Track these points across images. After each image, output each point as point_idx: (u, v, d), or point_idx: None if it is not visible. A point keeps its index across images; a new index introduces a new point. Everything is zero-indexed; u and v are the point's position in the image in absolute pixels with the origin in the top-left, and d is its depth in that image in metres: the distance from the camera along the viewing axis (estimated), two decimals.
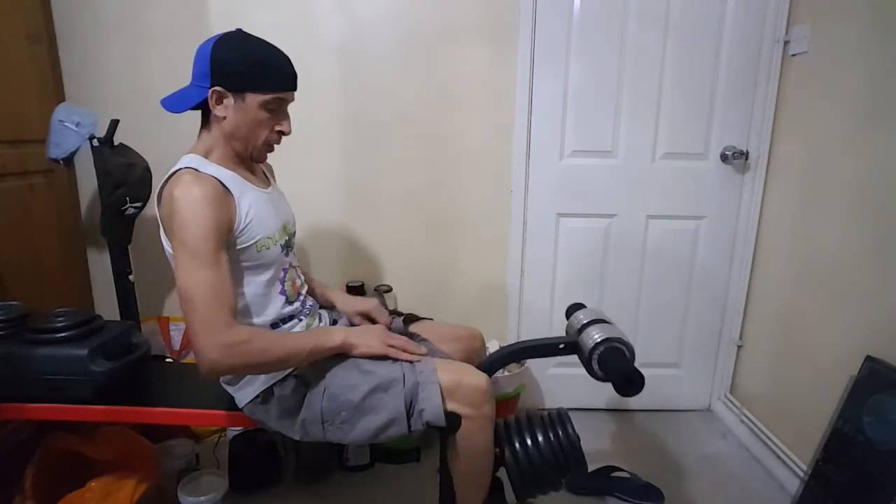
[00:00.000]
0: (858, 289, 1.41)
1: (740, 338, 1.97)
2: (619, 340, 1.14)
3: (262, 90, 1.06)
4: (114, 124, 1.60)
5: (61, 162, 1.56)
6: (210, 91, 1.05)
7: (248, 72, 1.06)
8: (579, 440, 1.19)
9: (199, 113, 1.12)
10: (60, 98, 1.76)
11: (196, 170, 1.04)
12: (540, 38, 1.79)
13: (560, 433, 1.19)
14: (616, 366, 1.10)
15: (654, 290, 1.98)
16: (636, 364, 1.10)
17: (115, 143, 1.61)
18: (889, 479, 1.21)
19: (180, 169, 1.05)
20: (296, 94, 1.14)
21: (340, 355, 1.13)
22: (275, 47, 1.10)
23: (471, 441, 1.11)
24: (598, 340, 1.14)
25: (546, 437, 1.18)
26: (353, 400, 1.08)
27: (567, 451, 1.17)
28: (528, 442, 1.18)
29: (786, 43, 1.72)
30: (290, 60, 1.11)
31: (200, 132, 1.14)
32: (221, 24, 1.75)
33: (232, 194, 1.06)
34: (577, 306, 1.30)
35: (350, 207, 1.94)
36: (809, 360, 1.59)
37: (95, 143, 1.57)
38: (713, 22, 1.76)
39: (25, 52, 1.64)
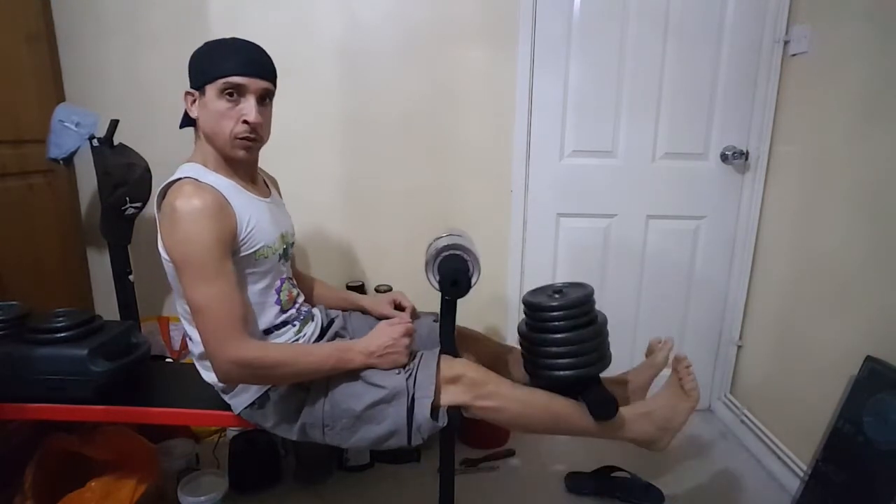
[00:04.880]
0: (858, 289, 1.41)
1: (740, 338, 1.97)
2: (454, 247, 1.14)
3: (213, 77, 1.05)
4: (114, 124, 1.59)
5: (61, 162, 1.56)
6: (185, 97, 1.08)
7: (200, 64, 1.07)
8: (559, 292, 1.17)
9: None
10: (60, 98, 1.76)
11: (196, 179, 1.04)
12: (540, 38, 1.79)
13: (549, 314, 1.15)
14: (446, 271, 1.11)
15: (654, 290, 1.98)
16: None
17: (115, 143, 1.61)
18: (889, 479, 1.21)
19: (180, 178, 1.05)
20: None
21: None
22: (238, 39, 1.09)
23: (503, 412, 1.12)
24: (431, 256, 1.14)
25: (547, 329, 1.15)
26: (355, 409, 1.08)
27: (566, 309, 1.13)
28: (547, 350, 1.15)
29: (786, 43, 1.72)
30: (253, 48, 1.09)
31: (195, 142, 1.15)
32: (221, 24, 1.77)
33: (231, 204, 1.06)
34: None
35: (350, 207, 1.93)
36: (809, 360, 1.59)
37: (95, 143, 1.57)
38: (713, 22, 1.76)
39: (25, 52, 1.64)
